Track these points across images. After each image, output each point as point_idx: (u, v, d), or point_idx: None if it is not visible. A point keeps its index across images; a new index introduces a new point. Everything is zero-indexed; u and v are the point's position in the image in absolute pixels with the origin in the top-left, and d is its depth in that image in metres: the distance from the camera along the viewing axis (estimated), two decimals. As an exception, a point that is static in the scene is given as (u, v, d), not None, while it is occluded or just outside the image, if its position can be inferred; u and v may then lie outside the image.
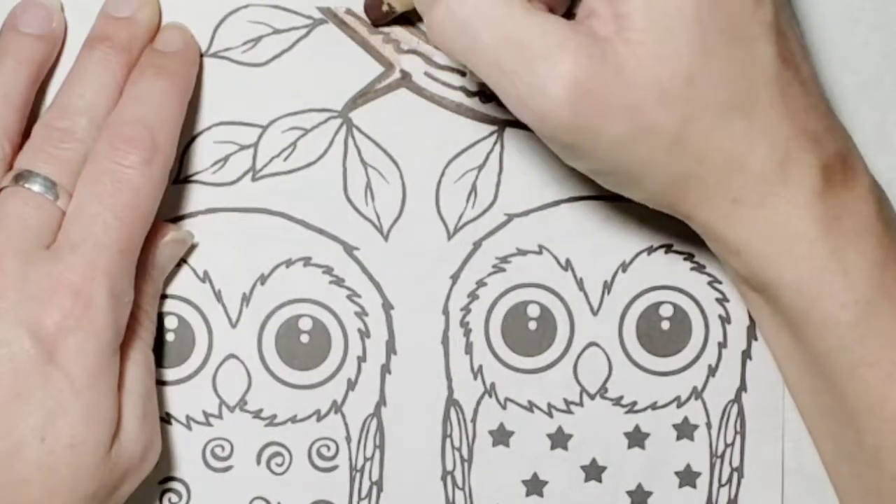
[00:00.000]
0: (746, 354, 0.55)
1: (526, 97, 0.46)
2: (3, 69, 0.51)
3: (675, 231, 0.55)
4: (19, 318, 0.48)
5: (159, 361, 0.54)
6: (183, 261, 0.54)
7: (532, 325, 0.55)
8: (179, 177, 0.54)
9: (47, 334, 0.48)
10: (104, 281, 0.48)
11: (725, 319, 0.55)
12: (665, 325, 0.55)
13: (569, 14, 0.51)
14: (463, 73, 0.55)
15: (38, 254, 0.49)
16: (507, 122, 0.55)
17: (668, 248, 0.55)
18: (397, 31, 0.54)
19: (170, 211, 0.54)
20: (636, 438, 0.55)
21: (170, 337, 0.54)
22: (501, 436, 0.55)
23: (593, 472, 0.55)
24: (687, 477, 0.55)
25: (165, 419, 0.54)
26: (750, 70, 0.47)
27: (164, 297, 0.54)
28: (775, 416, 0.55)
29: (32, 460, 0.48)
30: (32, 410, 0.48)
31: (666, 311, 0.55)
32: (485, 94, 0.55)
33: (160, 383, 0.54)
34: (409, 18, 0.54)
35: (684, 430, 0.55)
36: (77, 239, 0.49)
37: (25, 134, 0.51)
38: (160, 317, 0.54)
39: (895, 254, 0.49)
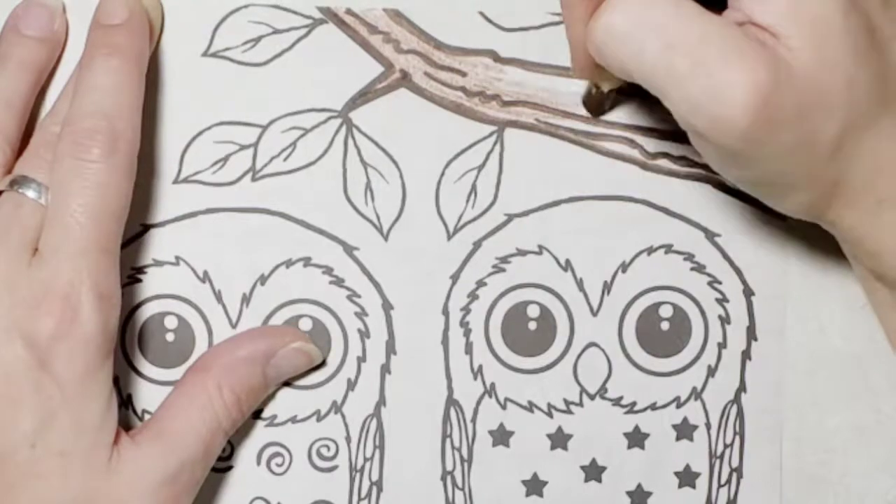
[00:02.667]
0: (746, 355, 0.55)
1: (700, 102, 0.45)
2: (4, 73, 0.51)
3: (675, 231, 0.55)
4: (11, 323, 0.48)
5: (159, 361, 0.54)
6: (183, 261, 0.54)
7: (532, 326, 0.55)
8: (179, 177, 0.54)
9: (39, 340, 0.48)
10: (89, 283, 0.48)
11: (725, 320, 0.55)
12: (665, 325, 0.55)
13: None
14: (463, 74, 0.54)
15: (28, 259, 0.49)
16: (507, 122, 0.54)
17: (668, 248, 0.55)
18: (397, 31, 0.54)
19: (170, 211, 0.54)
20: (636, 438, 0.55)
21: (170, 337, 0.54)
22: (501, 436, 0.55)
23: (593, 472, 0.55)
24: (686, 477, 0.55)
25: (166, 419, 0.54)
26: (891, 69, 0.46)
27: (164, 297, 0.54)
28: (775, 417, 0.55)
29: (22, 466, 0.48)
30: (24, 417, 0.48)
31: (666, 311, 0.55)
32: (485, 94, 0.54)
33: (160, 383, 0.54)
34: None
35: (684, 431, 0.55)
36: (56, 243, 0.48)
37: (26, 134, 0.52)
38: (160, 317, 0.54)
39: None
